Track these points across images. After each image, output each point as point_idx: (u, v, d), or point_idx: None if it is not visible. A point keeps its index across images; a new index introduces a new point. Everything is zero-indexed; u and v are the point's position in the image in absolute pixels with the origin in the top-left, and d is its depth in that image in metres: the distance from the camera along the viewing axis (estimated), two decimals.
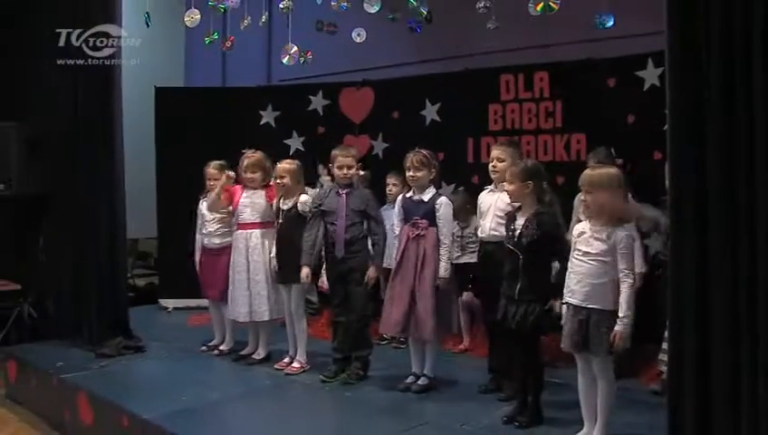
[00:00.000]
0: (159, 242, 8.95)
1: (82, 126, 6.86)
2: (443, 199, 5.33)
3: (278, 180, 5.87)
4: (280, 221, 5.89)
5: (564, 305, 4.28)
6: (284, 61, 6.48)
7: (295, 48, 6.38)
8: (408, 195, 5.43)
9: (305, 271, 5.67)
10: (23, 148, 7.32)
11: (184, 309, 8.23)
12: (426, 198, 5.31)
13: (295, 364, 5.91)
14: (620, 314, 4.07)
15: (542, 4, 5.06)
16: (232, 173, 6.26)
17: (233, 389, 5.71)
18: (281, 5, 6.34)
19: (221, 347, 6.52)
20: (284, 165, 5.92)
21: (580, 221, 4.35)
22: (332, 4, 6.16)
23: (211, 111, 8.40)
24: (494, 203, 5.12)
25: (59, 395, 5.85)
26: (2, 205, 7.72)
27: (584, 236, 4.21)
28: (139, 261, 9.91)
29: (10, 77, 7.66)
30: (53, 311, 7.22)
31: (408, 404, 5.19)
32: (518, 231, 4.60)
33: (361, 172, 5.87)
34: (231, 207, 6.22)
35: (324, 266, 5.83)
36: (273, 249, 5.93)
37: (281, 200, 5.91)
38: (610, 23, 5.28)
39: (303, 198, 5.85)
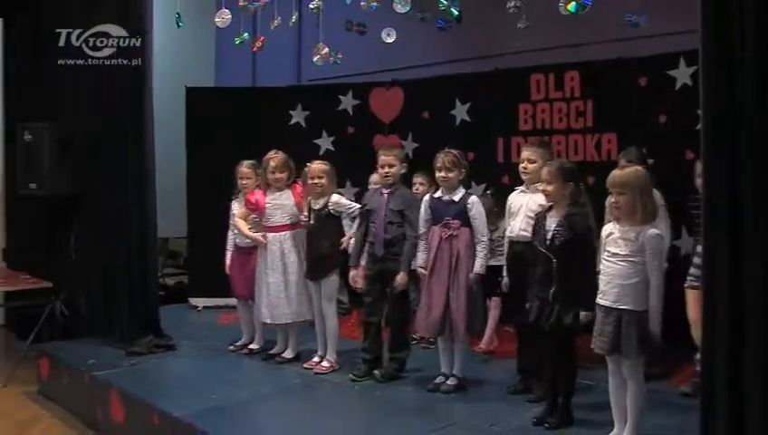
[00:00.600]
0: (189, 241, 9.00)
1: (114, 126, 6.90)
2: (473, 198, 5.32)
3: (315, 180, 5.86)
4: (311, 222, 5.90)
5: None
6: (315, 60, 6.49)
7: (326, 49, 6.39)
8: (436, 195, 5.41)
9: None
10: (55, 148, 7.36)
11: (213, 308, 8.26)
12: (456, 198, 5.29)
13: (325, 363, 5.91)
14: (650, 314, 4.06)
15: (573, 3, 5.03)
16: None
17: (262, 388, 5.73)
18: (311, 5, 6.35)
19: (251, 346, 6.54)
20: (320, 165, 5.93)
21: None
22: (362, 4, 6.15)
23: (241, 110, 8.43)
24: (525, 204, 5.11)
25: (91, 392, 5.90)
26: (34, 204, 7.81)
27: (612, 236, 4.19)
28: (170, 260, 9.98)
29: (43, 77, 7.74)
30: (85, 309, 7.28)
31: (436, 404, 5.18)
32: (550, 233, 4.58)
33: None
34: (258, 212, 6.19)
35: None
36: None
37: (311, 200, 5.92)
38: (642, 22, 5.25)
39: (335, 197, 5.87)
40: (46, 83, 7.69)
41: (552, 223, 4.60)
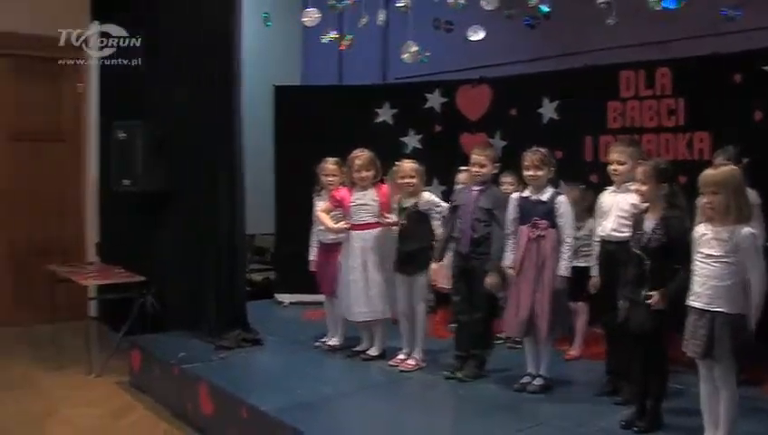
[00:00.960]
0: (277, 238, 9.12)
1: (204, 124, 7.02)
2: (562, 198, 5.27)
3: (406, 180, 5.87)
4: (403, 221, 5.89)
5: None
6: (405, 59, 6.49)
7: (416, 47, 6.38)
8: (524, 194, 5.37)
9: (434, 266, 5.73)
10: (148, 145, 7.56)
11: (299, 304, 8.35)
12: (544, 197, 5.25)
13: (411, 361, 5.92)
14: (748, 314, 3.97)
15: None
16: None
17: (347, 384, 5.77)
18: (398, 4, 6.35)
19: (331, 342, 6.58)
20: (412, 164, 5.93)
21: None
22: (449, 1, 6.13)
23: (328, 108, 8.47)
24: (616, 203, 5.05)
25: (180, 385, 6.02)
26: (128, 200, 8.02)
27: (705, 237, 4.09)
28: (256, 256, 10.10)
29: (138, 76, 7.94)
30: (174, 303, 7.44)
31: (522, 404, 5.14)
32: (646, 235, 4.50)
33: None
34: (343, 210, 6.22)
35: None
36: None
37: (402, 199, 5.92)
38: (738, 16, 5.11)
39: (426, 195, 5.88)
40: (140, 83, 7.89)
41: (649, 225, 4.52)
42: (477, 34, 6.42)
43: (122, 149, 7.70)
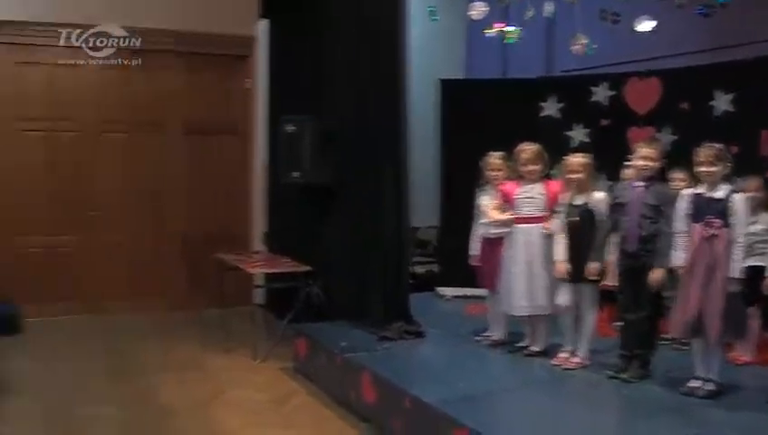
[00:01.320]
0: (441, 231, 9.17)
1: (371, 119, 7.12)
2: (738, 196, 5.04)
3: (572, 175, 5.76)
4: (575, 218, 5.75)
5: None
6: (574, 50, 6.41)
7: (586, 39, 6.29)
8: (698, 191, 5.17)
9: (594, 266, 5.61)
10: (316, 140, 7.74)
11: (461, 298, 8.36)
12: (718, 195, 5.03)
13: (575, 359, 5.82)
14: None
15: None
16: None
17: (509, 380, 5.76)
18: None
19: (494, 337, 6.55)
20: (579, 159, 5.81)
21: None
22: None
23: (493, 102, 8.44)
24: None
25: (343, 373, 6.14)
26: (295, 192, 8.25)
27: None
28: (419, 249, 10.19)
29: (306, 73, 8.15)
30: (339, 293, 7.59)
31: (689, 408, 4.95)
32: None
33: None
34: (508, 203, 6.16)
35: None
36: (560, 248, 5.83)
37: (572, 196, 5.82)
38: None
39: (599, 195, 5.74)
40: (308, 79, 8.09)
41: None
42: (646, 25, 6.26)
43: (291, 142, 7.91)
